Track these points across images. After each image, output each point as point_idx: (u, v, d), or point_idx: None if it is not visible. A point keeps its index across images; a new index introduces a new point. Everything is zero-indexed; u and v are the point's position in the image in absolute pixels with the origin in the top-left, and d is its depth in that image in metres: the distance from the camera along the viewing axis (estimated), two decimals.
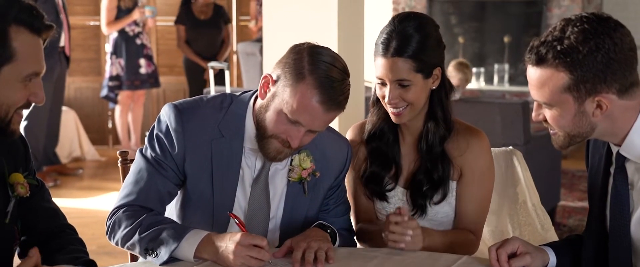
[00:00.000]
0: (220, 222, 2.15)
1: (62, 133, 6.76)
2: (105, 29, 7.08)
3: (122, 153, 2.45)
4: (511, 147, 2.66)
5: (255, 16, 8.11)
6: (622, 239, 1.86)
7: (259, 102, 2.10)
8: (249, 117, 2.13)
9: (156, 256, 1.97)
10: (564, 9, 8.14)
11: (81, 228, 2.18)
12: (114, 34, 7.06)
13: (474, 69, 7.41)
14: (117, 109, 7.32)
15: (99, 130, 8.02)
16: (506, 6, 8.64)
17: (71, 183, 6.46)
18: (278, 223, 2.20)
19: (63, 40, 6.26)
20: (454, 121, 2.29)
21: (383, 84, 2.19)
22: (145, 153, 2.14)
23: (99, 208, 5.63)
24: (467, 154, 2.27)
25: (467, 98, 5.87)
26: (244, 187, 2.16)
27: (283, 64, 2.04)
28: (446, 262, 2.01)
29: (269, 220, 2.19)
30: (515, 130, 4.66)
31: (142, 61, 7.12)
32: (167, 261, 1.96)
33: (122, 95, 7.20)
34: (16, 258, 1.97)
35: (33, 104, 1.81)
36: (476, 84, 8.26)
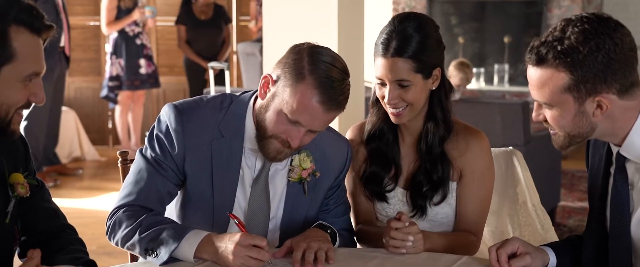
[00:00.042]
0: (220, 222, 2.15)
1: (62, 133, 6.76)
2: (105, 29, 7.08)
3: (122, 153, 2.45)
4: (511, 147, 2.66)
5: (255, 16, 8.11)
6: (622, 239, 1.86)
7: (259, 102, 2.10)
8: (249, 117, 2.13)
9: (156, 256, 1.97)
10: (564, 9, 8.13)
11: (81, 228, 2.17)
12: (114, 34, 7.06)
13: (474, 70, 7.41)
14: (117, 109, 7.32)
15: (99, 131, 8.02)
16: (506, 6, 8.64)
17: (71, 183, 6.45)
18: (278, 223, 2.20)
19: (63, 40, 6.26)
20: (453, 122, 2.28)
21: (383, 84, 2.19)
22: (145, 153, 2.14)
23: (99, 208, 5.62)
24: (467, 154, 2.27)
25: (467, 98, 5.87)
26: (244, 188, 2.16)
27: (283, 64, 2.03)
28: (446, 263, 2.01)
29: (269, 220, 2.19)
30: (515, 130, 4.66)
31: (142, 61, 7.12)
32: (167, 261, 1.96)
33: (122, 95, 7.21)
34: (16, 258, 1.97)
35: (33, 104, 1.81)
36: (476, 84, 8.26)
